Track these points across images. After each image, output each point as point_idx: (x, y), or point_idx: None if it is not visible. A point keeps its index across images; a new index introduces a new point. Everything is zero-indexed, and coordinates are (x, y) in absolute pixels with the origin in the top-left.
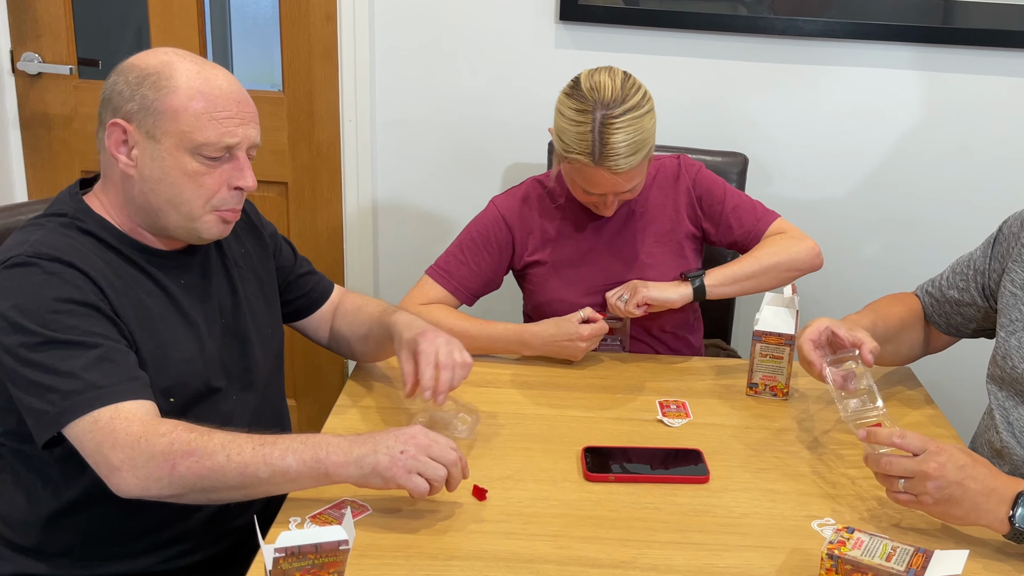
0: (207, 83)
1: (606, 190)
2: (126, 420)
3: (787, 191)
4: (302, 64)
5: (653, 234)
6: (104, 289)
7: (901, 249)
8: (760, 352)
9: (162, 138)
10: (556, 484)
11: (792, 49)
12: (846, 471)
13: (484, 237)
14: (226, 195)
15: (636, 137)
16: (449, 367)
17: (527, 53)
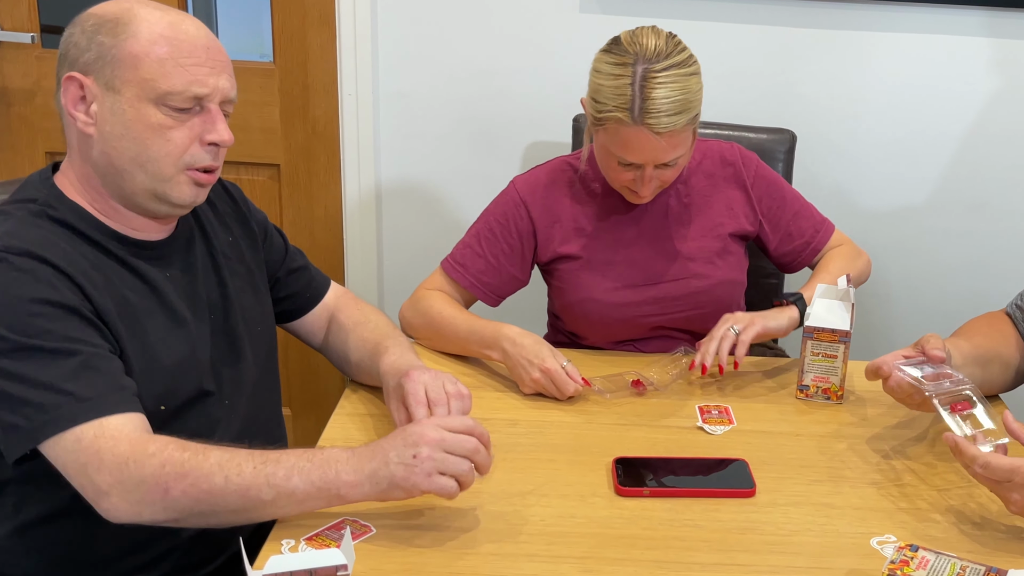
0: (172, 27)
1: (645, 158)
2: (112, 438)
3: (839, 172)
4: (295, 31)
5: (698, 227)
6: (83, 287)
7: (967, 235)
8: (812, 350)
9: (122, 88)
10: (584, 500)
11: (845, 13)
12: (909, 482)
13: (502, 225)
14: (198, 151)
15: (681, 96)
16: (442, 402)
17: (548, 18)
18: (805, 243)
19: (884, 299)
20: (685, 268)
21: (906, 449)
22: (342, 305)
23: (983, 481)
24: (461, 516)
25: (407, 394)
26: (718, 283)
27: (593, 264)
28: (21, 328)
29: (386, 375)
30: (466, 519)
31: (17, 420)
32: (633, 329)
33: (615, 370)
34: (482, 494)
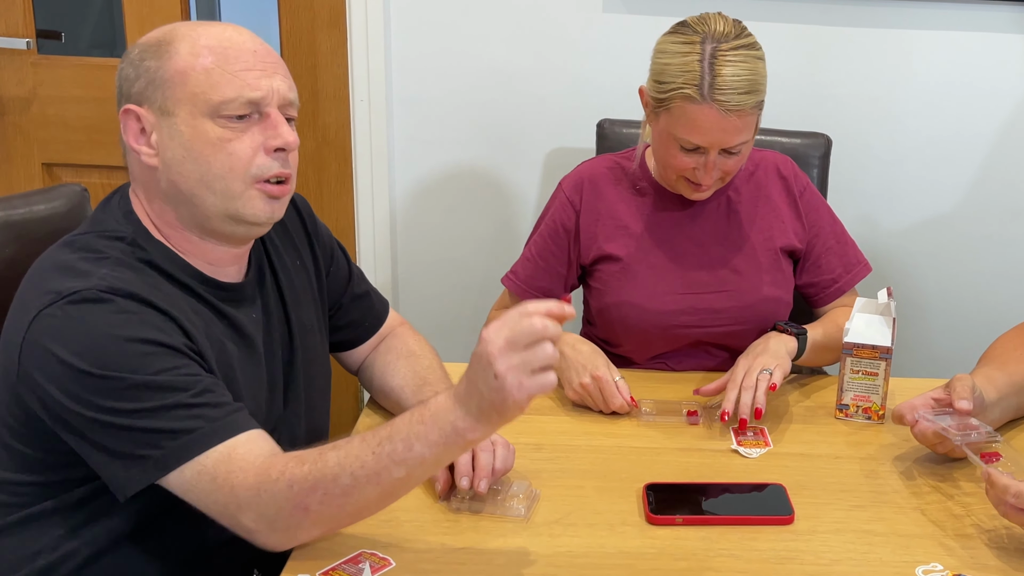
0: (214, 37)
1: (711, 139)
2: (241, 470)
3: (875, 177)
4: (303, 33)
5: (748, 239)
6: (188, 331)
7: (1009, 243)
8: (851, 368)
9: (175, 109)
10: (614, 529)
11: (880, 11)
12: (956, 507)
13: (552, 227)
14: (264, 160)
15: (750, 75)
16: (487, 449)
17: (570, 18)
18: (832, 280)
19: (922, 309)
20: (731, 280)
21: (952, 472)
22: (398, 332)
23: (1016, 517)
24: (485, 549)
25: None
26: (764, 299)
27: (635, 267)
28: (131, 367)
29: None
30: (490, 552)
31: (146, 452)
32: (669, 340)
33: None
34: (506, 523)
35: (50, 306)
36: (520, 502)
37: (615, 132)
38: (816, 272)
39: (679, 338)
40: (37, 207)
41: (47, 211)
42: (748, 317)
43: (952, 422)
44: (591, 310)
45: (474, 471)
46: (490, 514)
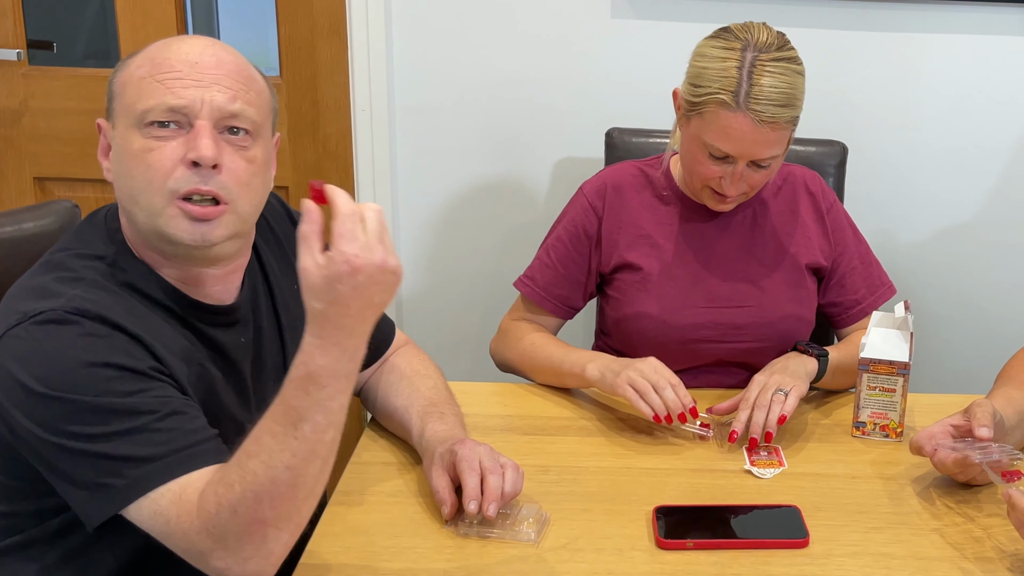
0: (164, 48)
1: (741, 149)
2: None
3: (893, 185)
4: (304, 42)
5: (773, 254)
6: (160, 356)
7: None
8: (868, 384)
9: (117, 122)
10: (623, 554)
11: (896, 14)
12: (976, 529)
13: (572, 232)
14: (182, 175)
15: (788, 89)
16: (497, 472)
17: (577, 23)
18: (855, 301)
19: (943, 321)
20: (753, 296)
21: (973, 493)
22: (403, 352)
23: None
24: (493, 568)
25: (460, 459)
26: (786, 316)
27: (655, 278)
28: (93, 390)
29: (433, 440)
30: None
31: (108, 480)
32: (687, 355)
33: None
34: (512, 548)
35: (15, 327)
36: (530, 526)
37: (624, 141)
38: (840, 292)
39: (697, 353)
40: (26, 225)
41: (36, 229)
42: (769, 335)
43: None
44: (607, 320)
45: (483, 494)
46: (499, 539)
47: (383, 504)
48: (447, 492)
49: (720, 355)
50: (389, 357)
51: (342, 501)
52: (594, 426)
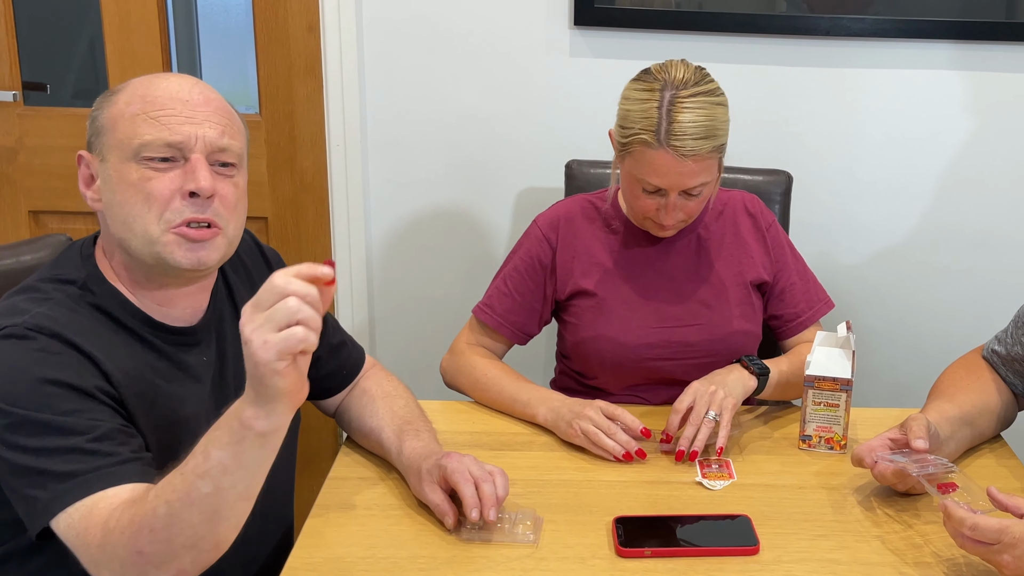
0: (150, 86)
1: (669, 182)
2: (95, 525)
3: (836, 211)
4: (281, 81)
5: (719, 274)
6: (110, 374)
7: (969, 272)
8: (813, 400)
9: (108, 155)
10: (585, 562)
11: (837, 51)
12: (915, 536)
13: (527, 262)
14: (178, 205)
15: (707, 121)
16: (487, 479)
17: (539, 62)
18: (795, 314)
19: (882, 338)
20: (702, 314)
21: (912, 502)
22: (371, 374)
23: (973, 548)
24: None
25: (452, 472)
26: (735, 332)
27: (609, 302)
28: (37, 404)
29: (415, 457)
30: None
31: (36, 492)
32: (643, 373)
33: None
34: (477, 559)
35: None
36: (527, 528)
37: (583, 172)
38: (780, 306)
39: (653, 371)
40: (24, 257)
41: (33, 261)
42: (720, 350)
43: (909, 457)
44: (567, 344)
45: (481, 501)
46: (500, 541)
47: (359, 517)
48: (447, 504)
49: (674, 372)
50: (360, 382)
51: (320, 515)
52: (556, 442)
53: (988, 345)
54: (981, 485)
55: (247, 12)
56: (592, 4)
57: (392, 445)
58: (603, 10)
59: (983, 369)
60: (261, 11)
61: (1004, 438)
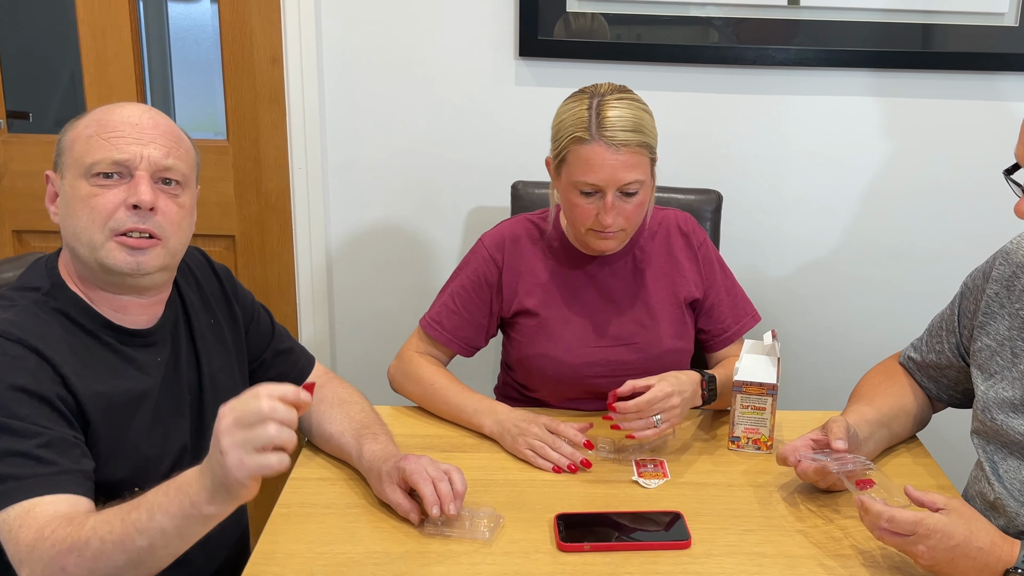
0: (108, 112)
1: (605, 175)
2: (27, 526)
3: (763, 228)
4: (247, 110)
5: (654, 293)
6: (68, 380)
7: (887, 283)
8: (741, 403)
9: (65, 173)
10: (527, 556)
11: (764, 79)
12: (835, 530)
13: (474, 281)
14: (122, 216)
15: (634, 117)
16: (444, 479)
17: (486, 91)
18: (722, 329)
19: (807, 345)
20: (638, 334)
21: (832, 499)
22: (325, 382)
23: (890, 540)
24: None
25: (410, 473)
26: (670, 350)
27: (551, 322)
28: None
29: (375, 460)
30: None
31: None
32: (582, 388)
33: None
34: (429, 553)
35: None
36: (485, 526)
37: (527, 192)
38: (708, 321)
39: (591, 386)
40: (6, 274)
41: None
42: (655, 367)
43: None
44: (511, 357)
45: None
46: (459, 537)
47: (318, 515)
48: (408, 502)
49: (611, 387)
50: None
51: (282, 513)
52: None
53: (904, 352)
54: (897, 482)
55: (216, 45)
56: (536, 36)
57: (352, 449)
58: (546, 42)
59: (899, 374)
60: (228, 44)
61: (919, 438)
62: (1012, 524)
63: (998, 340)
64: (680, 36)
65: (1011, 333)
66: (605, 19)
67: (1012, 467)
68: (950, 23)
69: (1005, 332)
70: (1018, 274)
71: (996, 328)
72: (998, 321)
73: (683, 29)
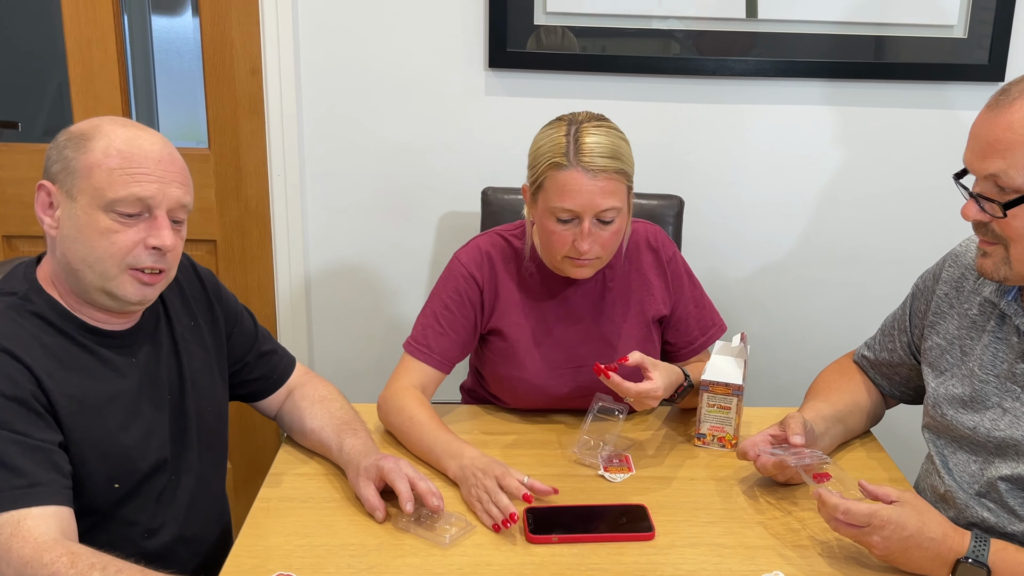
0: (128, 143)
1: (582, 201)
2: (22, 538)
3: (724, 232)
4: (228, 119)
5: (623, 312)
6: (42, 380)
7: (843, 285)
8: (708, 402)
9: (78, 196)
10: (498, 548)
11: (724, 89)
12: (794, 522)
13: (457, 301)
14: (141, 253)
15: (613, 146)
16: (422, 478)
17: (457, 101)
18: (688, 341)
19: (766, 344)
20: (607, 354)
21: (791, 492)
22: (305, 381)
23: (846, 531)
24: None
25: (388, 471)
26: (637, 370)
27: (521, 344)
28: None
29: (354, 454)
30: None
31: None
32: (554, 402)
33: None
34: (403, 545)
35: None
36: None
37: (497, 198)
38: (675, 334)
39: (561, 400)
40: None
41: None
42: None
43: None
44: (483, 368)
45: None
46: (422, 537)
47: (297, 509)
48: (376, 499)
49: (579, 399)
50: (297, 388)
51: (262, 508)
52: (474, 440)
53: (858, 351)
54: (852, 476)
55: (198, 57)
56: (505, 49)
57: (332, 443)
58: (515, 54)
59: (854, 372)
60: (210, 56)
61: (873, 433)
62: (961, 515)
63: (947, 339)
64: (643, 48)
65: (960, 332)
66: (572, 32)
67: (961, 460)
68: (902, 35)
69: (954, 331)
70: (966, 276)
71: (946, 327)
72: (948, 321)
73: (646, 41)
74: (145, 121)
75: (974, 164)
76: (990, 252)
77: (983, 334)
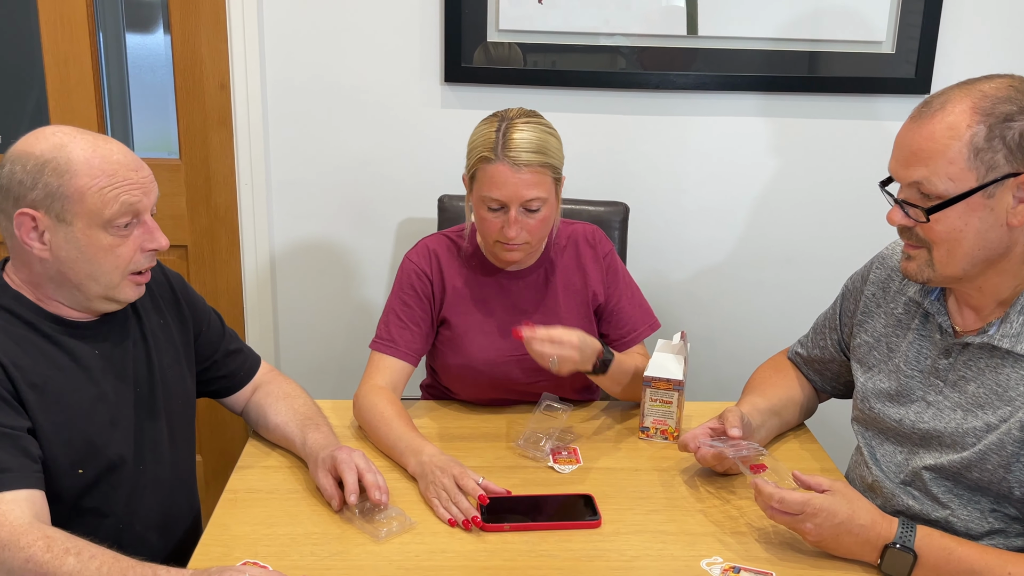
0: (104, 160)
1: (508, 192)
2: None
3: (667, 236)
4: (198, 131)
5: (564, 302)
6: (7, 369)
7: (778, 286)
8: (650, 397)
9: (73, 220)
10: (453, 536)
11: (666, 102)
12: (732, 510)
13: (413, 296)
14: (139, 258)
15: (538, 140)
16: (371, 470)
17: (415, 114)
18: (622, 334)
19: (706, 343)
20: None
21: (729, 482)
22: (270, 378)
23: (781, 519)
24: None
25: (340, 462)
26: None
27: (470, 333)
28: None
29: (316, 447)
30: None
31: None
32: (500, 391)
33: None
34: (362, 534)
35: None
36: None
37: (453, 205)
38: (608, 326)
39: (509, 389)
40: None
41: None
42: None
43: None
44: (435, 362)
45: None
46: (360, 529)
47: (263, 500)
48: (333, 488)
49: (526, 389)
50: (262, 385)
51: (230, 499)
52: (431, 434)
53: (792, 348)
54: (787, 466)
55: (169, 73)
56: (460, 64)
57: (296, 437)
58: (469, 69)
59: (788, 368)
60: (180, 72)
61: (807, 426)
62: (888, 504)
63: (875, 336)
64: (590, 63)
65: (887, 330)
66: (520, 48)
67: (888, 452)
68: (833, 50)
69: (881, 329)
70: (892, 277)
71: (873, 326)
72: (875, 319)
73: (593, 56)
74: (120, 132)
75: (899, 172)
76: (914, 255)
77: (908, 332)
